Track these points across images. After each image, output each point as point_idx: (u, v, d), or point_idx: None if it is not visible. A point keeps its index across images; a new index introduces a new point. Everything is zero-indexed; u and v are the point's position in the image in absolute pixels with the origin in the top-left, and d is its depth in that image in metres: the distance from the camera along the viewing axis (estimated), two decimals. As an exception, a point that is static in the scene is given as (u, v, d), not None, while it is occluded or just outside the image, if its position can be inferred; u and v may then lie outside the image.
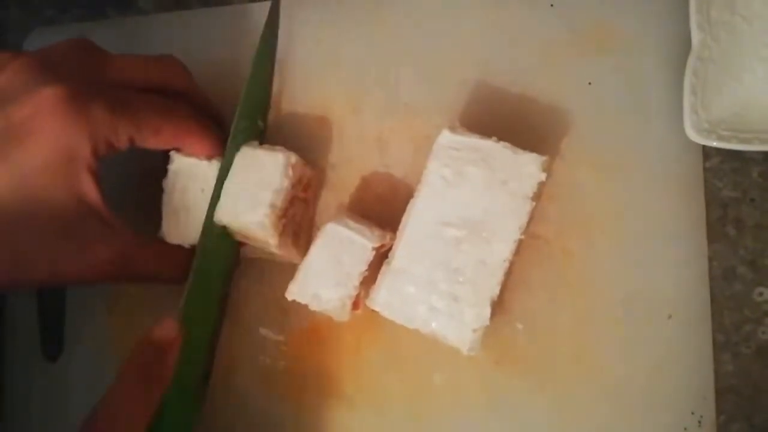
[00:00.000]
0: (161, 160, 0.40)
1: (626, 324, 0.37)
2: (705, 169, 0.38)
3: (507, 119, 0.39)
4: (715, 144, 0.35)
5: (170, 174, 0.39)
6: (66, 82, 0.34)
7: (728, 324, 0.37)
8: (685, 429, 0.36)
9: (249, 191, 0.37)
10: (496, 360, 0.38)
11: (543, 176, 0.34)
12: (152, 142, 0.37)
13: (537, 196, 0.35)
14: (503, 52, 0.40)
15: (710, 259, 0.37)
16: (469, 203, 0.34)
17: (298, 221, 0.40)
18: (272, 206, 0.36)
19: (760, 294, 0.37)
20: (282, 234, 0.37)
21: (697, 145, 0.38)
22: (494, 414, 0.38)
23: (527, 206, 0.34)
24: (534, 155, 0.34)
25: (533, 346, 0.38)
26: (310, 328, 0.41)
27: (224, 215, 0.37)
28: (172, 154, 0.39)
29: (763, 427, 0.36)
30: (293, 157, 0.37)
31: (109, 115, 0.34)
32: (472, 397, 0.38)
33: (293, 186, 0.38)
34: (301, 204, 0.40)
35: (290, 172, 0.37)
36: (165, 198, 0.39)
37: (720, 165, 0.38)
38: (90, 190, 0.35)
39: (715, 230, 0.38)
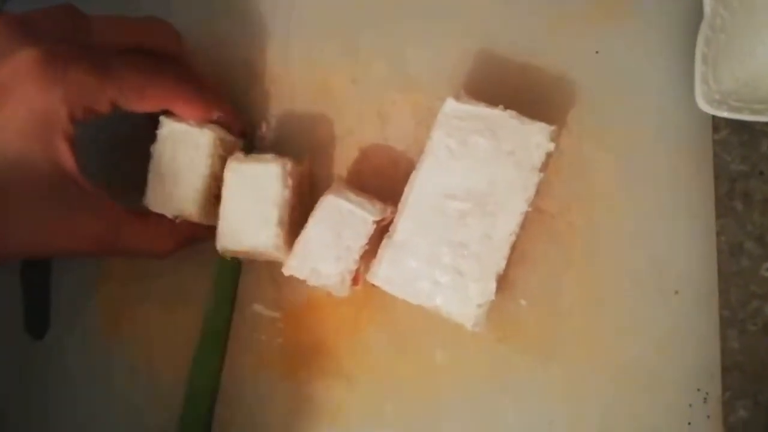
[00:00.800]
0: (151, 125, 0.38)
1: (632, 299, 0.36)
2: (714, 142, 0.37)
3: (512, 89, 0.38)
4: (726, 115, 0.34)
5: (159, 139, 0.37)
6: (43, 44, 0.32)
7: (735, 300, 0.36)
8: (690, 406, 0.35)
9: (250, 210, 0.35)
10: (499, 337, 0.37)
11: (551, 146, 0.33)
12: (137, 104, 0.35)
13: (544, 168, 0.34)
14: (508, 21, 0.39)
15: (718, 234, 0.37)
16: (474, 175, 0.33)
17: (297, 218, 0.38)
18: (281, 223, 0.35)
19: (768, 270, 0.36)
20: (288, 241, 0.36)
21: (707, 116, 0.37)
22: (497, 391, 0.37)
23: (535, 178, 0.33)
24: (542, 125, 0.33)
25: (537, 322, 0.37)
26: (307, 304, 0.40)
27: (228, 242, 0.36)
28: (162, 118, 0.37)
29: (766, 406, 0.36)
30: (288, 164, 0.36)
31: (88, 77, 0.33)
32: (474, 375, 0.37)
33: (293, 192, 0.36)
34: (298, 201, 0.38)
35: (289, 181, 0.35)
36: (152, 164, 0.37)
37: (728, 137, 0.37)
38: (65, 156, 0.33)
39: (723, 205, 0.37)
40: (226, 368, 0.41)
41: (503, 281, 0.37)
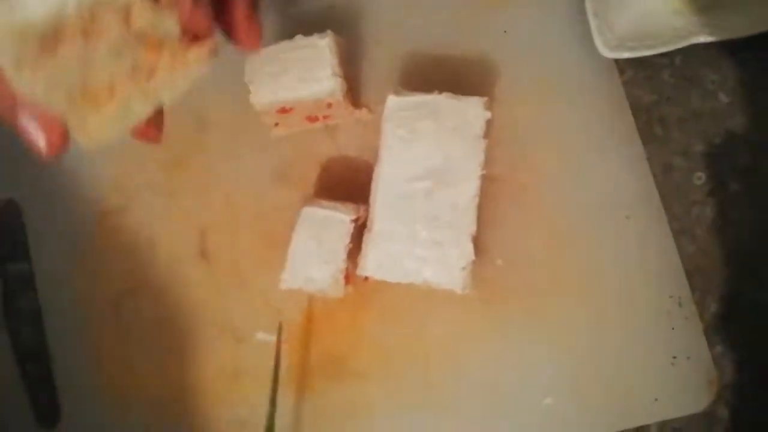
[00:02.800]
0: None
1: (591, 235, 0.40)
2: (623, 83, 0.42)
3: (441, 78, 0.42)
4: (626, 55, 0.40)
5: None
6: None
7: (679, 211, 0.41)
8: (669, 312, 0.39)
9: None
10: (484, 299, 0.41)
11: (488, 114, 0.37)
12: None
13: (486, 135, 0.38)
14: (424, 21, 0.43)
15: (648, 159, 0.41)
16: (429, 155, 0.37)
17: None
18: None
19: (699, 178, 0.41)
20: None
21: (611, 62, 0.42)
22: (493, 349, 0.40)
23: (481, 144, 0.37)
24: (475, 98, 0.37)
25: (515, 278, 0.41)
26: (305, 318, 0.42)
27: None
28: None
29: (732, 294, 0.40)
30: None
31: None
32: (469, 338, 0.40)
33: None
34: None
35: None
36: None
37: (634, 76, 0.42)
38: None
39: (645, 133, 0.41)
40: (246, 398, 0.42)
41: (478, 247, 0.41)
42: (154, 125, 0.30)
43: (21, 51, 0.23)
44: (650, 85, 0.42)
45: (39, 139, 0.26)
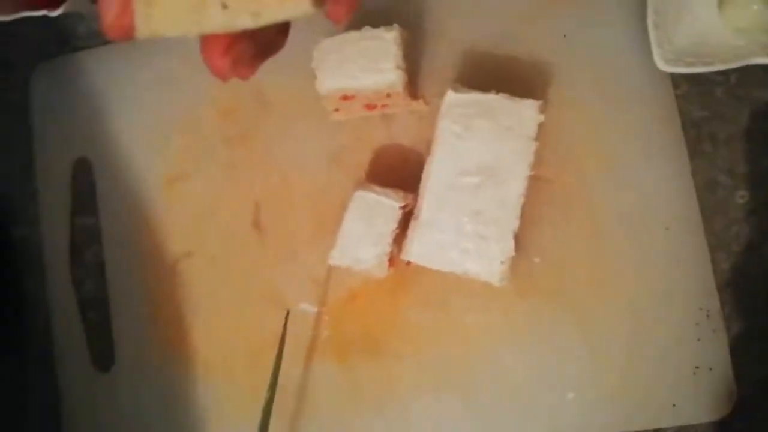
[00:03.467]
0: None
1: (629, 242, 0.42)
2: (676, 96, 0.43)
3: (497, 77, 0.44)
4: (682, 70, 0.40)
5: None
6: None
7: (718, 227, 0.42)
8: (697, 324, 0.40)
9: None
10: (520, 293, 0.42)
11: (541, 117, 0.39)
12: None
13: (537, 137, 0.39)
14: (484, 19, 0.45)
15: (693, 174, 0.42)
16: (481, 152, 0.39)
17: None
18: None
19: (742, 197, 0.42)
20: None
21: (666, 75, 0.42)
22: (525, 342, 0.42)
23: (532, 146, 0.38)
24: (531, 101, 0.39)
25: (551, 275, 0.42)
26: (348, 295, 0.45)
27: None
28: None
29: (762, 311, 0.41)
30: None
31: None
32: (503, 331, 0.42)
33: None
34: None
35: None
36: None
37: (688, 90, 0.43)
38: None
39: (693, 148, 0.42)
40: (286, 364, 0.45)
41: (516, 244, 0.42)
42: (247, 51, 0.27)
43: None
44: (703, 100, 0.43)
45: (109, 12, 0.25)
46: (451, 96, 0.39)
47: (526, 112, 0.38)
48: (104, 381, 0.48)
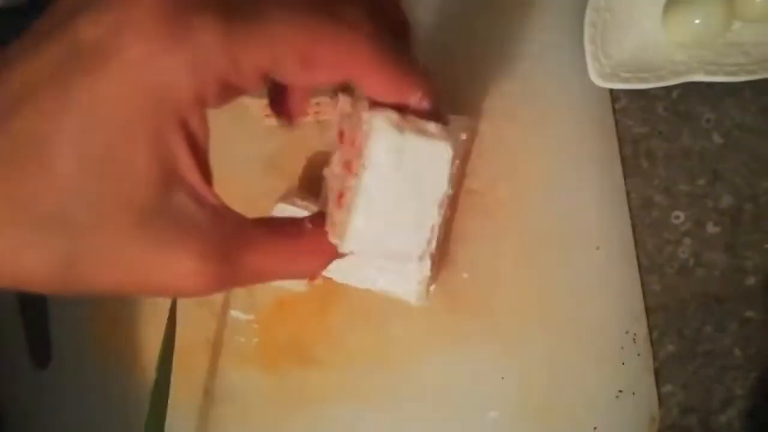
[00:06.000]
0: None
1: (559, 260, 0.41)
2: (616, 110, 0.41)
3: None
4: (617, 86, 0.39)
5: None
6: None
7: (651, 248, 0.41)
8: (622, 348, 0.40)
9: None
10: (448, 309, 0.42)
11: (464, 135, 0.37)
12: (299, 76, 0.22)
13: (461, 154, 0.38)
14: (421, 28, 0.43)
15: (628, 192, 0.41)
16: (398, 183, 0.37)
17: None
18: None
19: (677, 217, 0.41)
20: None
21: (605, 89, 0.41)
22: (450, 358, 0.41)
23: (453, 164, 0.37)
24: (452, 116, 0.37)
25: (478, 292, 0.41)
26: (276, 302, 0.45)
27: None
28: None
29: (692, 337, 0.40)
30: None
31: (226, 34, 0.20)
32: (428, 345, 0.42)
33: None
34: None
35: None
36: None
37: (628, 105, 0.41)
38: (182, 153, 0.21)
39: (630, 164, 0.41)
40: (214, 369, 0.45)
41: (445, 258, 0.42)
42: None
43: None
44: (643, 116, 0.41)
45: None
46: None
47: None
48: (42, 378, 0.48)
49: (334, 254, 0.29)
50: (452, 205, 0.40)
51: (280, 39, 0.21)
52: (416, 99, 0.25)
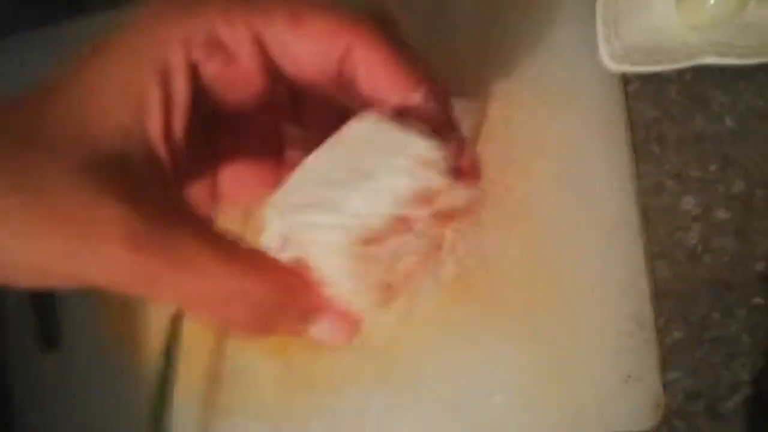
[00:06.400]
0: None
1: (566, 245, 0.40)
2: (627, 94, 0.41)
3: (439, 71, 0.42)
4: (628, 69, 0.38)
5: None
6: None
7: (661, 234, 0.40)
8: (630, 333, 0.39)
9: None
10: (455, 296, 0.42)
11: (474, 119, 0.37)
12: (290, 36, 0.21)
13: (471, 138, 0.38)
14: (428, 10, 0.42)
15: (639, 177, 0.40)
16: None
17: None
18: None
19: (687, 203, 0.40)
20: None
21: (616, 72, 0.40)
22: (456, 344, 0.41)
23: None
24: (461, 100, 0.37)
25: (488, 278, 0.41)
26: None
27: None
28: None
29: (699, 323, 0.40)
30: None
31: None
32: (435, 331, 0.42)
33: None
34: None
35: None
36: None
37: (641, 88, 0.41)
38: (153, 107, 0.20)
39: (641, 149, 0.40)
40: (222, 351, 0.45)
41: (452, 244, 0.41)
42: None
43: (351, 262, 0.20)
44: (655, 100, 0.40)
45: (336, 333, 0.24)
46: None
47: (458, 112, 0.36)
48: (51, 361, 0.49)
49: (303, 300, 0.22)
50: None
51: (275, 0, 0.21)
52: (421, 95, 0.22)
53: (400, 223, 0.20)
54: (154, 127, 0.20)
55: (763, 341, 0.39)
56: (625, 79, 0.41)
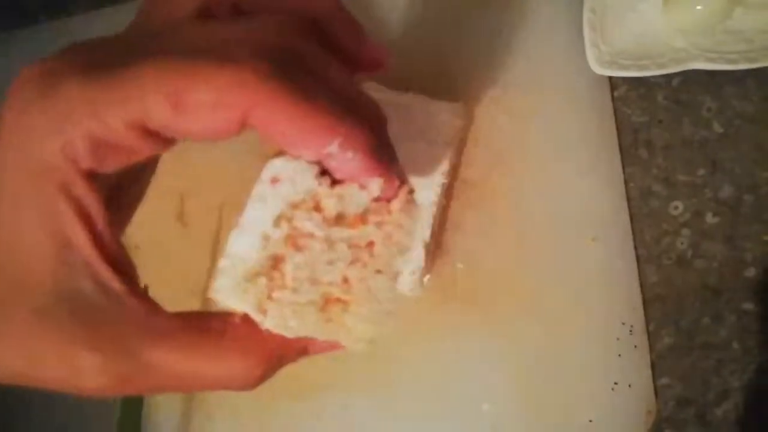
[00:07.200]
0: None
1: (555, 251, 0.40)
2: (614, 99, 0.41)
3: (426, 73, 0.42)
4: (615, 73, 0.38)
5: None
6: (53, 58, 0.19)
7: (649, 239, 0.40)
8: (618, 339, 0.39)
9: None
10: (442, 300, 0.41)
11: (459, 122, 0.37)
12: (174, 121, 0.19)
13: (456, 141, 0.37)
14: (413, 13, 0.42)
15: (626, 182, 0.40)
16: (393, 156, 0.37)
17: None
18: None
19: (675, 207, 0.40)
20: None
21: (604, 77, 0.40)
22: (443, 349, 0.41)
23: (447, 152, 0.36)
24: (448, 103, 0.37)
25: (474, 282, 0.41)
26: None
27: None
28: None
29: (689, 329, 0.39)
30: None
31: (86, 88, 0.18)
32: (422, 336, 0.41)
33: None
34: None
35: None
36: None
37: (627, 93, 0.41)
38: (71, 224, 0.19)
39: (629, 154, 0.40)
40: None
41: (440, 249, 0.41)
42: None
43: (254, 295, 0.21)
44: (643, 104, 0.40)
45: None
46: None
47: (442, 115, 0.36)
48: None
49: (273, 350, 0.23)
50: (447, 194, 0.40)
51: (147, 84, 0.18)
52: (334, 148, 0.20)
53: (294, 240, 0.21)
54: (87, 249, 0.19)
55: (752, 348, 0.39)
56: (613, 84, 0.41)
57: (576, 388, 0.39)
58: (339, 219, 0.22)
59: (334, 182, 0.22)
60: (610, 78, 0.40)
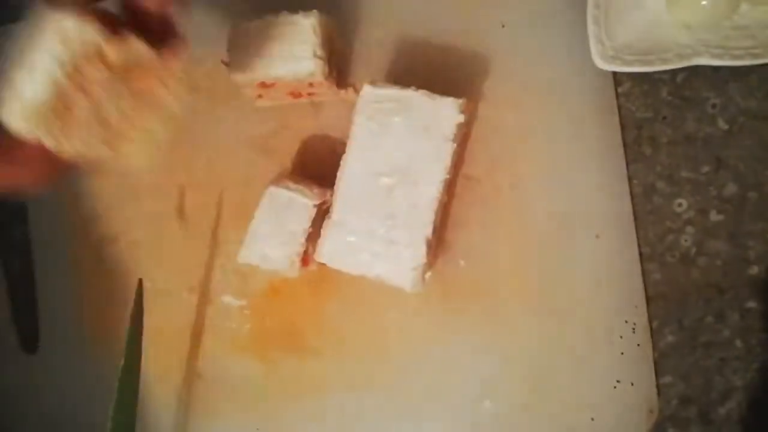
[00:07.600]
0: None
1: (558, 248, 0.40)
2: (618, 95, 0.40)
3: (431, 69, 0.41)
4: (619, 69, 0.38)
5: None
6: None
7: (652, 236, 0.40)
8: (621, 337, 0.39)
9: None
10: (443, 296, 0.41)
11: (461, 118, 0.36)
12: None
13: (458, 138, 0.37)
14: (420, 8, 0.42)
15: (630, 179, 0.40)
16: (395, 151, 0.36)
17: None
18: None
19: (679, 205, 0.40)
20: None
21: (608, 73, 0.40)
22: (445, 346, 0.41)
23: (449, 148, 0.36)
24: (450, 99, 0.36)
25: (476, 279, 0.41)
26: (270, 288, 0.44)
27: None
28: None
29: (692, 327, 0.39)
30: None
31: None
32: (423, 333, 0.41)
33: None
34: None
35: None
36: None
37: (631, 89, 0.40)
38: None
39: (632, 150, 0.40)
40: (205, 354, 0.44)
41: (442, 245, 0.41)
42: None
43: (45, 125, 0.27)
44: (647, 100, 0.40)
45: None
46: (367, 90, 0.37)
47: (444, 111, 0.36)
48: (29, 361, 0.48)
49: (60, 162, 0.29)
50: (449, 190, 0.39)
51: None
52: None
53: (82, 84, 0.28)
54: None
55: (755, 346, 0.38)
56: (617, 80, 0.40)
57: (578, 386, 0.39)
58: (124, 69, 0.29)
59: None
60: (614, 74, 0.40)
